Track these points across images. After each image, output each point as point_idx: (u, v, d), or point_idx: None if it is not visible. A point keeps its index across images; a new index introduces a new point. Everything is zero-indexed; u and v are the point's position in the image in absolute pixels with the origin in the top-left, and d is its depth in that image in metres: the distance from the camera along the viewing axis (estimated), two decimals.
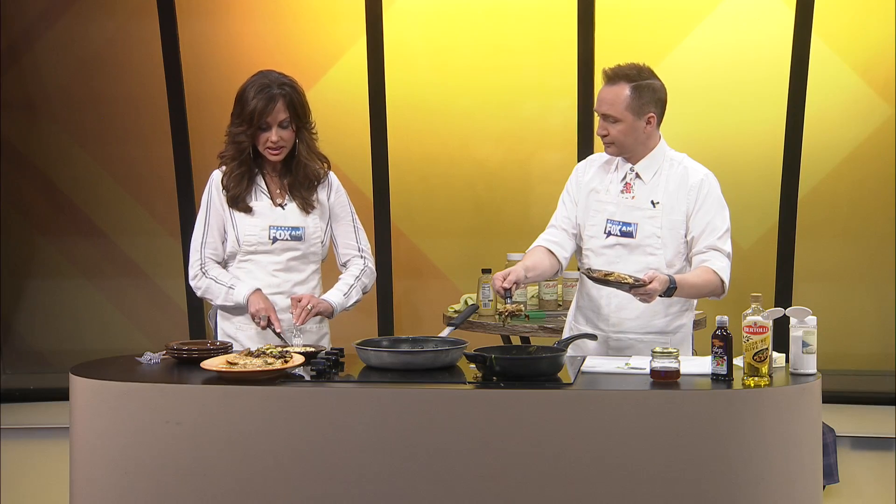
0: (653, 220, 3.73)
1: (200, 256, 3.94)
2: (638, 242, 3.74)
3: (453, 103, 6.01)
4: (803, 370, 3.36)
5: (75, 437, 3.39)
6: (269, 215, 3.91)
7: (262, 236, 3.90)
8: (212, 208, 3.94)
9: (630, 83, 3.68)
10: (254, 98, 3.81)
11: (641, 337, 3.76)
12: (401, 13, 5.95)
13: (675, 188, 3.74)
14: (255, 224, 3.90)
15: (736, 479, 3.12)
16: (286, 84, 3.85)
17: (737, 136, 5.87)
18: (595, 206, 3.82)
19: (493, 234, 6.00)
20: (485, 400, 3.21)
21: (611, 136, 3.72)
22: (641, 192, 3.76)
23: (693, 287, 3.65)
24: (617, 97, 3.68)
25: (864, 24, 5.76)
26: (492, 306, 4.90)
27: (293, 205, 3.93)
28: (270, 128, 3.82)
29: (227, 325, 3.98)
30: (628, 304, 3.75)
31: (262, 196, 3.92)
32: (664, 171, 3.76)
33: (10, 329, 6.32)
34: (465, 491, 3.17)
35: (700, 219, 3.71)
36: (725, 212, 3.75)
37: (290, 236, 3.91)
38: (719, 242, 3.70)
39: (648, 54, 5.81)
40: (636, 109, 3.68)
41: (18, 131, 6.24)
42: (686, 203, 3.72)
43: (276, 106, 3.80)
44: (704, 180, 3.74)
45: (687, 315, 3.86)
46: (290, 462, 3.22)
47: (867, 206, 5.89)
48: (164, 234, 6.18)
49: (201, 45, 6.05)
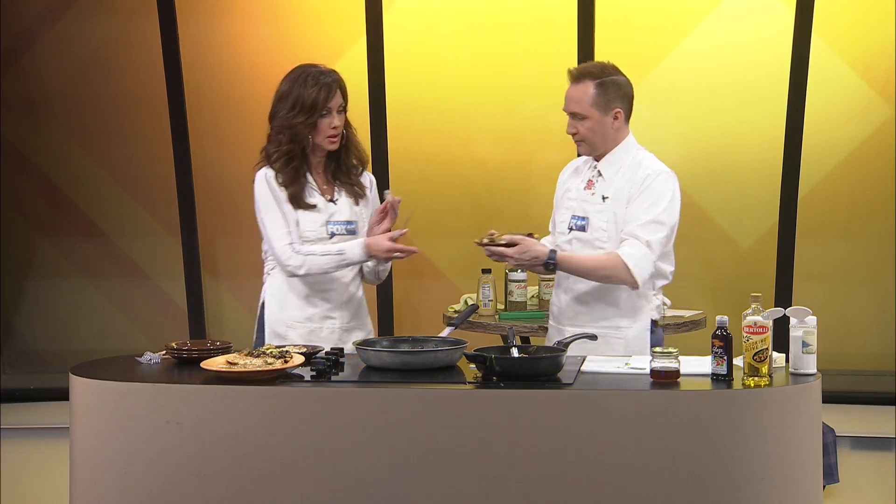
0: (601, 215, 3.81)
1: (290, 240, 3.90)
2: (588, 236, 3.83)
3: (453, 103, 6.01)
4: (803, 370, 3.36)
5: (75, 437, 3.39)
6: (325, 211, 3.95)
7: (321, 232, 3.93)
8: (280, 202, 3.92)
9: (594, 80, 3.77)
10: (313, 87, 3.88)
11: (597, 332, 3.75)
12: (401, 13, 5.95)
13: (624, 183, 3.80)
14: (315, 220, 3.93)
15: (736, 479, 3.12)
16: (333, 72, 3.95)
17: (737, 136, 5.87)
18: (565, 203, 3.94)
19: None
20: (485, 400, 3.21)
21: (580, 133, 3.81)
22: (600, 188, 3.84)
23: (581, 267, 3.75)
24: (583, 95, 3.77)
25: (864, 24, 5.77)
26: (491, 306, 4.90)
27: (343, 198, 3.99)
28: (332, 113, 3.90)
29: (277, 325, 3.96)
30: (578, 297, 3.85)
31: (314, 193, 3.96)
32: (624, 168, 3.82)
33: (10, 329, 6.33)
34: (465, 491, 3.17)
35: (631, 208, 3.77)
36: (661, 206, 3.75)
37: (346, 230, 3.96)
38: (639, 230, 3.73)
39: (648, 54, 5.87)
40: (602, 105, 3.76)
41: (18, 131, 6.24)
42: (628, 196, 3.78)
43: (334, 93, 3.90)
44: (650, 175, 3.78)
45: (643, 321, 3.84)
46: (290, 462, 3.22)
47: (867, 206, 5.89)
48: (164, 234, 6.18)
49: (201, 45, 6.05)
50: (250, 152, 5.29)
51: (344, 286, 4.00)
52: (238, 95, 6.05)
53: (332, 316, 3.97)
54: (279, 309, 3.97)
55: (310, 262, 3.88)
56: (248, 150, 6.11)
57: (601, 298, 3.84)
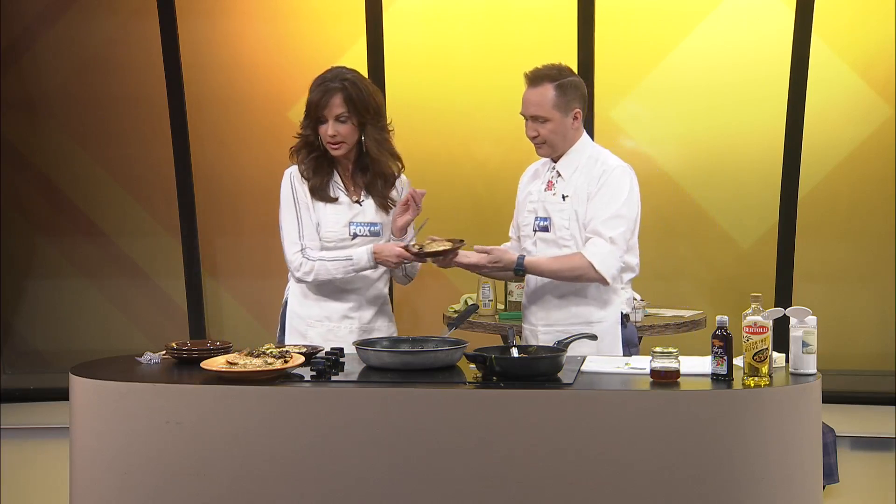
0: (562, 213, 3.84)
1: (301, 246, 3.87)
2: (552, 236, 3.86)
3: (453, 103, 6.01)
4: (803, 370, 3.36)
5: (75, 437, 3.39)
6: (348, 211, 3.90)
7: (343, 232, 3.89)
8: (299, 200, 3.89)
9: (553, 82, 3.80)
10: (313, 91, 3.85)
11: (567, 328, 3.78)
12: (401, 13, 5.95)
13: (582, 181, 3.83)
14: (336, 220, 3.88)
15: (736, 479, 3.12)
16: (346, 79, 3.84)
17: (737, 136, 5.88)
18: (528, 206, 3.96)
19: (493, 234, 5.98)
20: (485, 400, 3.21)
21: (541, 136, 3.84)
22: (560, 187, 3.87)
23: (548, 270, 3.78)
24: (543, 97, 3.80)
25: (864, 24, 5.77)
26: (491, 306, 4.90)
27: (370, 201, 3.93)
28: (327, 121, 3.83)
29: (298, 323, 3.94)
30: (545, 294, 3.87)
31: (339, 192, 3.92)
32: (582, 167, 3.85)
33: (10, 329, 6.33)
34: (465, 491, 3.17)
35: (591, 206, 3.79)
36: (620, 200, 3.78)
37: (370, 232, 3.91)
38: (601, 227, 3.76)
39: (648, 54, 5.87)
40: (563, 107, 3.80)
41: (18, 131, 6.24)
42: (587, 192, 3.81)
43: (331, 99, 3.81)
44: (606, 171, 3.81)
45: (611, 308, 3.86)
46: (290, 462, 3.22)
47: (867, 206, 5.89)
48: (164, 234, 6.18)
49: (201, 45, 6.05)
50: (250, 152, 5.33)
51: (368, 285, 3.94)
52: (238, 95, 6.05)
53: (352, 316, 3.93)
54: (299, 306, 3.95)
55: (318, 267, 3.85)
56: (248, 150, 6.17)
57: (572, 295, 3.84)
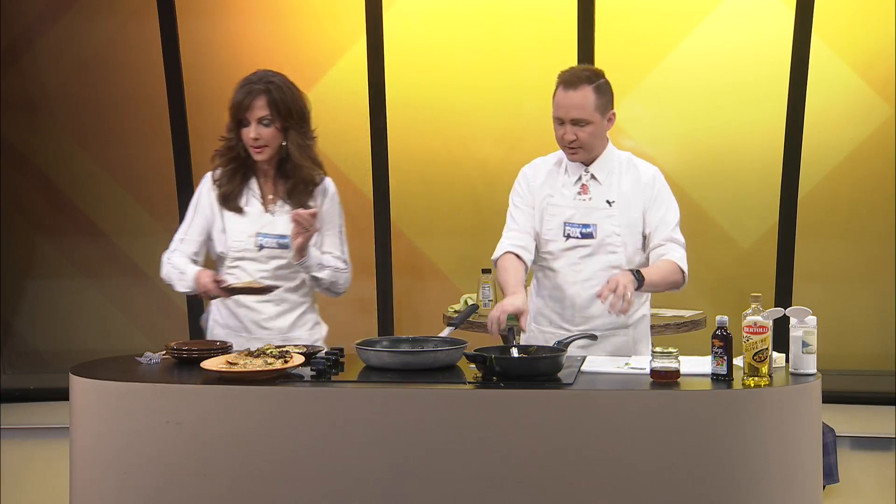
0: (611, 219, 3.79)
1: (174, 247, 3.90)
2: (599, 242, 3.79)
3: (453, 103, 6.01)
4: (803, 370, 3.36)
5: (75, 437, 3.39)
6: (257, 221, 3.84)
7: (249, 243, 3.83)
8: (199, 208, 3.90)
9: (591, 84, 3.73)
10: (236, 92, 3.78)
11: (604, 333, 3.77)
12: (401, 13, 5.95)
13: (629, 186, 3.81)
14: (243, 230, 3.83)
15: (736, 479, 3.12)
16: (271, 81, 3.77)
17: (737, 136, 5.88)
18: (551, 210, 3.84)
19: (494, 234, 5.98)
20: (485, 400, 3.21)
21: (580, 139, 3.74)
22: (597, 192, 3.81)
23: (657, 280, 3.72)
24: (585, 100, 3.71)
25: (864, 24, 5.77)
26: (491, 306, 4.90)
27: (283, 213, 3.83)
28: (249, 123, 3.76)
29: (219, 332, 3.95)
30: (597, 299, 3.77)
31: (253, 201, 3.86)
32: (616, 171, 3.83)
33: (10, 329, 6.33)
34: (465, 491, 3.17)
35: (654, 213, 3.79)
36: (675, 204, 3.84)
37: (278, 244, 3.83)
38: (674, 234, 3.79)
39: (648, 54, 5.87)
40: (602, 109, 3.75)
41: (18, 131, 6.24)
42: (642, 199, 3.80)
43: (254, 101, 3.74)
44: (656, 176, 3.83)
45: (646, 306, 3.93)
46: (290, 462, 3.22)
47: (867, 206, 5.89)
48: (165, 234, 6.13)
49: (201, 45, 6.05)
50: None
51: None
52: None
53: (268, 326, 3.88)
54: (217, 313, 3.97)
55: (166, 270, 3.87)
56: None
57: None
